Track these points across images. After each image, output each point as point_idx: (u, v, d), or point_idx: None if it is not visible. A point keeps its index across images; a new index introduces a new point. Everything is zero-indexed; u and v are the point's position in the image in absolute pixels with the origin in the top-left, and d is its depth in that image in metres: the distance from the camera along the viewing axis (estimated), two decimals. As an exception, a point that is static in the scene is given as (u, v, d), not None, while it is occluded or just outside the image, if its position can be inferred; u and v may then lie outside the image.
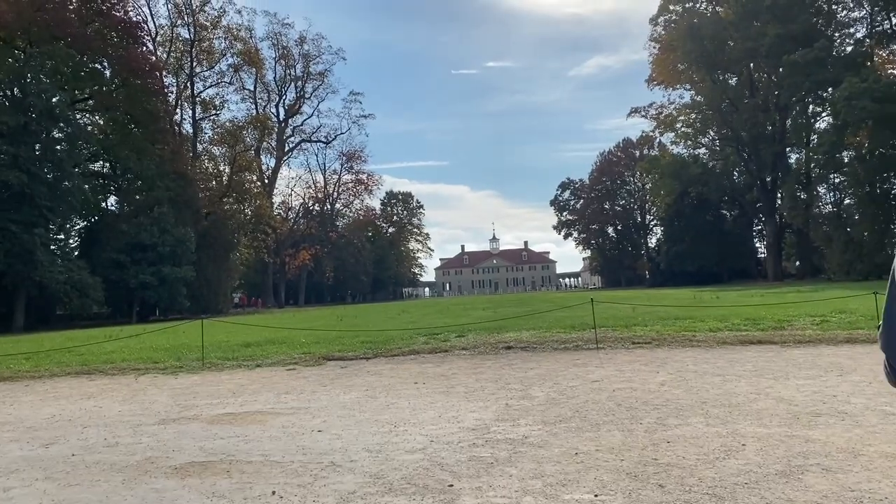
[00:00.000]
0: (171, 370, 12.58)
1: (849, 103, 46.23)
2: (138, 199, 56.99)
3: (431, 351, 13.07)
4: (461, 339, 14.45)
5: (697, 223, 78.44)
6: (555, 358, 11.52)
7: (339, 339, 15.48)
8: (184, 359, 13.76)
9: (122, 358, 14.32)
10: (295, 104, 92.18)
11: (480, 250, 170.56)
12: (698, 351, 11.55)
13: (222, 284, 63.19)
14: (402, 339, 15.00)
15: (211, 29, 68.46)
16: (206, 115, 69.22)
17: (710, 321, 14.99)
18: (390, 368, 11.36)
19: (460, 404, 7.95)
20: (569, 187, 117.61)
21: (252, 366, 12.57)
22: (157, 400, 9.59)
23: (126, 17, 57.59)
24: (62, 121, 50.46)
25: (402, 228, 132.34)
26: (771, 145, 66.37)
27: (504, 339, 13.99)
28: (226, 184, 67.98)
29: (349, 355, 13.12)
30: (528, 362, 11.21)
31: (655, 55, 78.08)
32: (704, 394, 7.81)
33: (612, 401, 7.63)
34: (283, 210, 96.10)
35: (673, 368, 9.80)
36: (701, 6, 70.20)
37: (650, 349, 12.02)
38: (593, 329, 14.04)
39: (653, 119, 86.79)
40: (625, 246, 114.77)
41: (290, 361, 12.76)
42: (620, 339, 13.07)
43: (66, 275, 45.07)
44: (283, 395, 9.29)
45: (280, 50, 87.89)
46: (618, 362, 10.68)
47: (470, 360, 11.77)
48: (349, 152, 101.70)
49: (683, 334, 13.28)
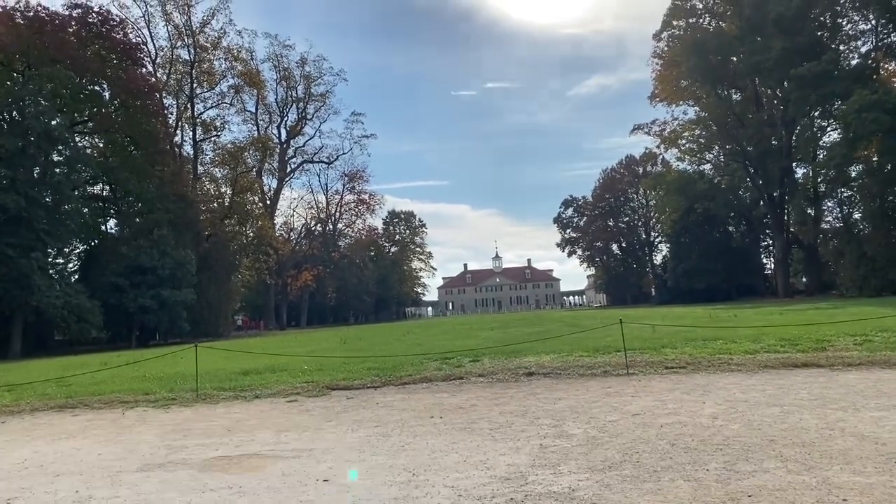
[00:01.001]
0: (163, 402, 11.54)
1: (859, 115, 45.39)
2: (138, 221, 56.16)
3: (445, 378, 12.02)
4: (476, 365, 13.40)
5: (704, 240, 77.37)
6: (583, 386, 10.47)
7: (343, 366, 14.42)
8: (177, 389, 12.71)
9: (112, 389, 13.27)
10: (297, 125, 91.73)
11: (483, 269, 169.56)
12: (740, 376, 10.50)
13: (223, 307, 62.14)
14: (412, 365, 13.94)
15: (211, 50, 67.99)
16: (206, 137, 68.55)
17: (743, 342, 13.94)
18: (401, 399, 10.31)
19: (487, 445, 6.93)
20: (572, 204, 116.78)
21: (250, 397, 11.53)
22: (143, 439, 8.57)
23: (126, 38, 57.06)
24: (61, 144, 49.76)
25: (404, 247, 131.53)
26: (778, 160, 65.48)
27: (523, 364, 12.92)
28: (227, 205, 67.16)
29: (355, 384, 12.07)
30: (554, 391, 10.17)
31: (658, 71, 77.56)
32: (768, 429, 6.79)
33: (664, 440, 6.61)
34: (285, 231, 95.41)
35: (719, 397, 8.76)
36: (704, 21, 69.68)
37: (686, 374, 10.97)
38: (620, 352, 13.02)
39: (656, 136, 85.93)
40: (630, 263, 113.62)
41: (291, 391, 11.71)
42: (651, 363, 12.02)
43: (64, 299, 44.09)
44: (284, 434, 8.26)
45: (281, 71, 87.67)
46: (655, 390, 9.64)
47: (489, 389, 10.72)
48: (351, 172, 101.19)
49: (719, 357, 12.23)
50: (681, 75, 71.32)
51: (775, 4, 58.13)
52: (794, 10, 56.62)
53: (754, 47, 60.02)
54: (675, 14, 69.82)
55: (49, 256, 48.30)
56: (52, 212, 45.95)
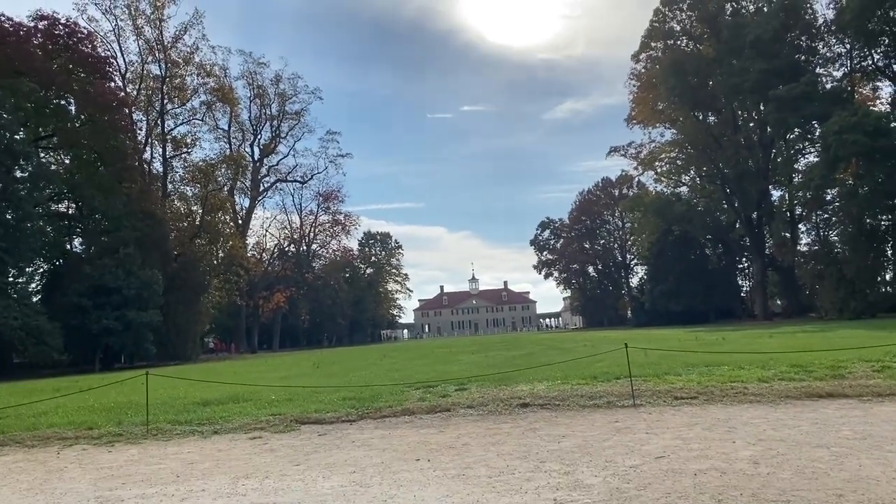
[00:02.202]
0: (108, 439, 10.06)
1: (840, 136, 45.18)
2: (104, 240, 54.08)
3: (430, 410, 10.67)
4: (464, 394, 12.06)
5: (682, 262, 77.00)
6: (587, 419, 9.23)
7: (315, 395, 12.97)
8: (126, 422, 11.21)
9: (53, 422, 11.73)
10: (270, 143, 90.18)
11: (460, 291, 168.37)
12: (762, 408, 9.35)
13: (192, 329, 60.00)
14: (392, 395, 12.55)
15: (183, 65, 66.42)
16: (177, 154, 66.76)
17: (752, 369, 12.82)
18: (381, 436, 8.98)
19: (488, 499, 5.67)
20: (548, 227, 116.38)
21: (208, 432, 10.10)
22: (73, 488, 7.16)
23: (94, 52, 55.46)
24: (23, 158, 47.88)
25: (380, 269, 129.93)
26: (755, 182, 65.39)
27: (516, 393, 11.60)
28: (197, 224, 65.27)
29: (328, 417, 10.69)
30: (556, 426, 8.92)
31: (635, 93, 77.58)
32: (826, 479, 5.62)
33: (705, 492, 5.40)
34: (257, 251, 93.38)
35: (749, 435, 7.60)
36: (682, 43, 69.79)
37: (700, 406, 9.78)
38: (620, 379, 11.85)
39: (632, 158, 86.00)
40: (606, 285, 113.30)
41: (255, 426, 10.30)
42: (658, 392, 10.81)
43: (22, 320, 41.90)
44: (243, 481, 6.91)
45: (255, 89, 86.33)
46: (671, 425, 8.44)
47: (481, 424, 9.41)
48: (326, 192, 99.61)
49: (731, 386, 11.08)
50: (658, 97, 71.33)
51: (753, 27, 58.32)
52: (772, 33, 56.76)
53: (732, 69, 60.01)
54: (653, 35, 69.93)
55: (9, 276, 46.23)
56: (13, 229, 43.93)
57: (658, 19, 69.74)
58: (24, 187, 47.47)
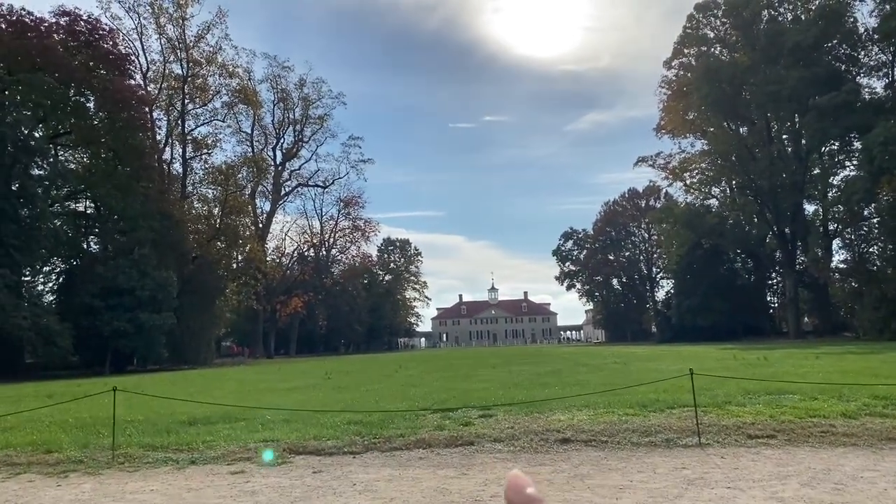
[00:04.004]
0: (64, 467, 8.42)
1: (885, 148, 42.91)
2: (119, 239, 53.07)
3: (449, 442, 8.90)
4: (489, 423, 10.26)
5: (710, 276, 74.45)
6: (646, 464, 7.42)
7: (317, 417, 11.27)
8: (93, 445, 9.56)
9: (11, 441, 9.99)
10: (293, 147, 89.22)
11: (479, 300, 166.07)
12: (864, 455, 7.50)
13: (206, 333, 58.78)
14: (405, 420, 10.75)
15: (205, 65, 65.54)
16: (197, 154, 65.76)
17: (829, 401, 10.90)
18: (389, 477, 7.25)
19: None
20: (572, 237, 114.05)
21: (185, 461, 8.43)
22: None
23: (115, 49, 54.60)
24: (40, 155, 47.06)
25: (398, 276, 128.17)
26: (790, 195, 62.92)
27: (552, 424, 9.78)
28: (216, 226, 64.17)
29: (328, 446, 8.95)
30: (608, 472, 7.13)
31: (665, 102, 75.52)
32: None
33: None
34: (276, 255, 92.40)
35: (869, 497, 5.79)
36: (715, 50, 67.68)
37: (782, 449, 7.94)
38: (674, 409, 10.05)
39: (660, 168, 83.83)
40: (630, 299, 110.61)
41: (241, 455, 8.60)
42: (725, 428, 8.96)
43: (32, 320, 40.78)
44: (203, 543, 5.25)
45: (279, 92, 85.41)
46: (756, 478, 6.62)
47: (512, 464, 7.66)
48: (347, 198, 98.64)
49: (812, 422, 9.20)
50: (689, 106, 69.30)
51: (792, 34, 56.16)
52: (812, 40, 54.63)
53: (769, 77, 57.79)
54: (686, 42, 67.94)
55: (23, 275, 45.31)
56: (27, 227, 42.98)
57: (691, 26, 67.78)
58: (41, 185, 46.63)
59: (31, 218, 44.56)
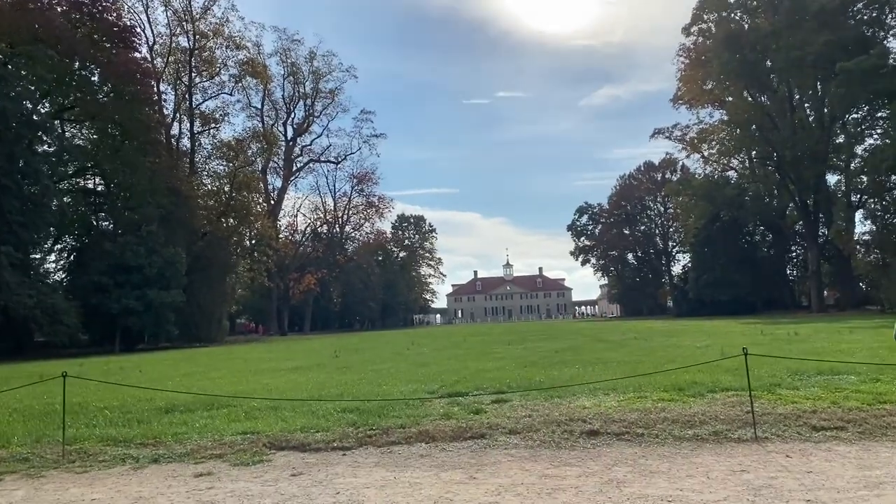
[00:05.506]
0: (5, 466, 7.18)
1: (918, 113, 40.90)
2: (127, 216, 52.10)
3: (456, 435, 7.60)
4: (503, 409, 8.96)
5: (729, 249, 72.54)
6: (695, 465, 6.06)
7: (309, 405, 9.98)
8: (45, 439, 8.38)
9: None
10: (304, 122, 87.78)
11: (494, 276, 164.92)
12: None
13: (216, 310, 57.91)
14: (408, 407, 9.47)
15: (212, 37, 64.03)
16: (205, 129, 64.45)
17: (892, 382, 9.54)
18: (381, 481, 5.98)
19: None
20: (587, 212, 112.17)
21: (146, 460, 7.18)
22: None
23: (119, 21, 53.23)
24: (43, 130, 45.98)
25: (413, 253, 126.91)
26: (813, 165, 60.62)
27: (576, 411, 8.45)
28: (226, 202, 63.07)
29: (316, 440, 7.67)
30: (649, 476, 5.80)
31: (683, 71, 73.14)
32: None
33: None
34: (289, 232, 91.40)
35: None
36: (736, 16, 65.17)
37: (858, 444, 6.58)
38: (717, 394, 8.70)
39: (677, 140, 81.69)
40: (646, 273, 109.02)
41: (212, 451, 7.36)
42: (783, 417, 7.61)
43: (38, 298, 39.95)
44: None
45: (289, 66, 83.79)
46: (839, 485, 5.28)
47: (532, 465, 6.32)
48: (360, 174, 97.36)
49: (883, 409, 7.85)
50: (707, 75, 66.99)
51: (817, -3, 53.76)
52: (838, 3, 52.29)
53: (793, 42, 55.37)
54: (706, 7, 65.41)
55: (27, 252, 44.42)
56: (32, 204, 42.01)
57: (711, -10, 65.24)
58: (46, 161, 45.58)
59: (36, 195, 43.56)
